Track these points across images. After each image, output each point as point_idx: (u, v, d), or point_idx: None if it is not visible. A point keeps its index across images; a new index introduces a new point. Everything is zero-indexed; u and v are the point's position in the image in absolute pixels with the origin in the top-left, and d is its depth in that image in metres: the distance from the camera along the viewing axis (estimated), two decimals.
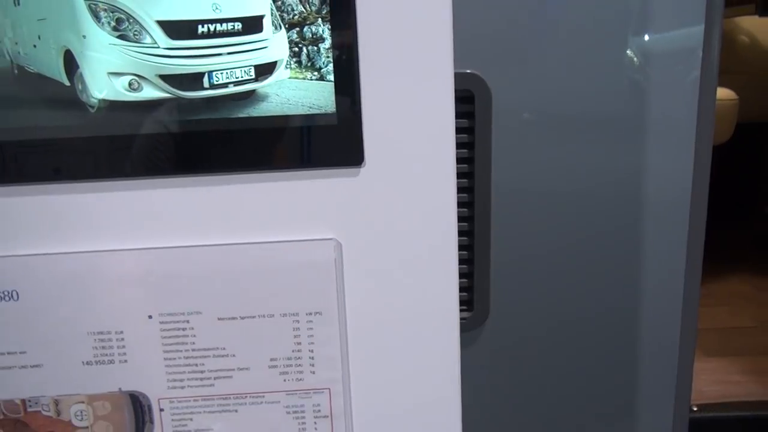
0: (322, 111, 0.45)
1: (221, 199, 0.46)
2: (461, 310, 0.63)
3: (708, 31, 0.71)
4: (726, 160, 2.75)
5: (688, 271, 0.83)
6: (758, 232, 2.47)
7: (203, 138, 0.45)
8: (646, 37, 0.72)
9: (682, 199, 0.80)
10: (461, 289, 0.74)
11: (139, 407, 0.48)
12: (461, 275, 0.74)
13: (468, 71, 0.70)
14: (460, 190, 0.72)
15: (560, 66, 0.72)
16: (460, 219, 0.73)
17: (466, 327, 0.76)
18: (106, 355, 0.47)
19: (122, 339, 0.47)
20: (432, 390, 0.51)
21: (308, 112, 0.45)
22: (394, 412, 0.51)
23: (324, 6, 0.43)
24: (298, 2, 0.43)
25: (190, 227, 0.46)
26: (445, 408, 0.51)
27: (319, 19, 0.44)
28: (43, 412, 0.48)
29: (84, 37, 0.43)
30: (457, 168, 0.47)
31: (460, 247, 0.57)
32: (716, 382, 1.33)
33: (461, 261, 0.65)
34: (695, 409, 1.21)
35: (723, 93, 1.97)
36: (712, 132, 0.78)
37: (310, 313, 0.47)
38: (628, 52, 0.72)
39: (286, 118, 0.45)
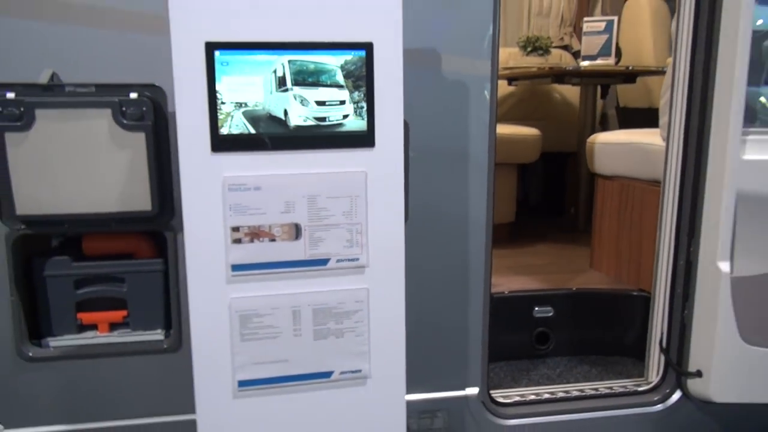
0: (362, 130, 1.33)
1: (327, 158, 1.32)
2: None
3: (491, 97, 1.64)
4: (543, 177, 3.83)
5: (486, 234, 1.74)
6: (564, 223, 3.54)
7: (324, 136, 1.31)
8: (467, 101, 1.64)
9: (483, 204, 1.72)
10: None
11: (297, 228, 1.33)
12: None
13: None
14: None
15: (421, 118, 1.63)
16: None
17: None
18: (288, 211, 1.32)
19: (294, 204, 1.32)
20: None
21: (357, 129, 1.32)
22: (379, 229, 1.38)
23: (364, 98, 1.32)
24: (357, 97, 1.31)
25: (317, 165, 1.32)
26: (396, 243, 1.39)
27: (363, 101, 1.32)
28: (264, 230, 1.32)
29: (289, 104, 1.29)
30: None
31: None
32: (520, 285, 2.29)
33: None
34: (507, 292, 2.16)
35: (531, 131, 3.01)
36: (494, 164, 1.70)
37: (357, 197, 1.35)
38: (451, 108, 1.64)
39: (350, 132, 1.32)
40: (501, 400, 1.83)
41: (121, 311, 1.59)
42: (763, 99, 1.84)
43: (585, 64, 3.09)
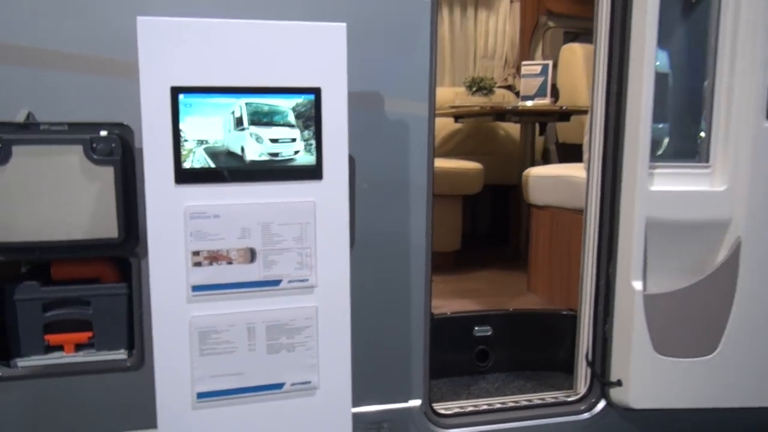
0: (311, 164, 1.48)
1: (279, 189, 1.47)
2: None
3: (429, 134, 1.81)
4: (490, 208, 4.04)
5: (426, 258, 1.89)
6: (508, 251, 3.74)
7: (277, 170, 1.46)
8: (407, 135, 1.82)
9: (422, 231, 1.87)
10: None
11: (253, 252, 1.47)
12: None
13: None
14: None
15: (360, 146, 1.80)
16: None
17: None
18: (244, 236, 1.46)
19: (249, 231, 1.46)
20: None
21: (307, 163, 1.48)
22: (327, 252, 1.53)
23: (313, 136, 1.48)
24: (307, 136, 1.47)
25: (271, 196, 1.47)
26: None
27: (312, 139, 1.48)
28: (222, 254, 1.45)
29: (246, 141, 1.44)
30: None
31: None
32: (462, 307, 2.46)
33: None
34: (449, 313, 2.32)
35: (473, 165, 3.21)
36: (432, 195, 1.85)
37: (307, 223, 1.49)
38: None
39: (301, 166, 1.48)
40: (442, 411, 1.97)
41: (87, 332, 1.69)
42: (702, 134, 2.04)
43: (526, 103, 3.33)
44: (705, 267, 1.95)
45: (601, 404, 2.06)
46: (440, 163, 3.37)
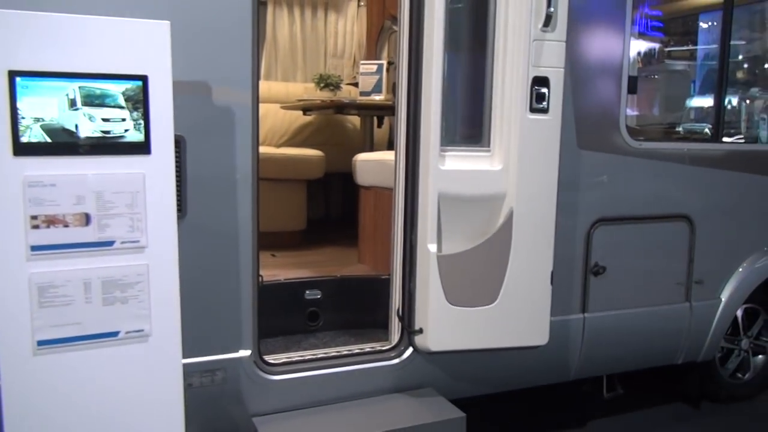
0: (140, 141, 1.73)
1: (112, 162, 1.71)
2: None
3: (253, 121, 2.11)
4: (343, 194, 4.39)
5: (253, 231, 2.18)
6: (355, 230, 4.10)
7: (109, 145, 1.70)
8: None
9: (248, 207, 2.16)
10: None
11: (88, 217, 1.69)
12: None
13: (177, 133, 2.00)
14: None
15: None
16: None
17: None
18: (79, 203, 1.68)
19: (84, 198, 1.68)
20: None
21: (137, 140, 1.73)
22: (156, 218, 1.78)
23: (142, 116, 1.72)
24: (136, 116, 1.72)
25: (104, 167, 1.70)
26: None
27: (141, 119, 1.72)
28: (59, 218, 1.66)
29: (80, 120, 1.66)
30: None
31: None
32: (297, 275, 2.77)
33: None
34: (282, 279, 2.62)
35: (314, 153, 3.55)
36: (257, 177, 2.15)
37: (137, 192, 1.74)
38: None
39: (131, 142, 1.72)
40: (272, 361, 2.27)
41: None
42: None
43: (374, 98, 3.71)
44: (487, 232, 2.39)
45: (409, 351, 2.45)
46: (284, 151, 3.69)
